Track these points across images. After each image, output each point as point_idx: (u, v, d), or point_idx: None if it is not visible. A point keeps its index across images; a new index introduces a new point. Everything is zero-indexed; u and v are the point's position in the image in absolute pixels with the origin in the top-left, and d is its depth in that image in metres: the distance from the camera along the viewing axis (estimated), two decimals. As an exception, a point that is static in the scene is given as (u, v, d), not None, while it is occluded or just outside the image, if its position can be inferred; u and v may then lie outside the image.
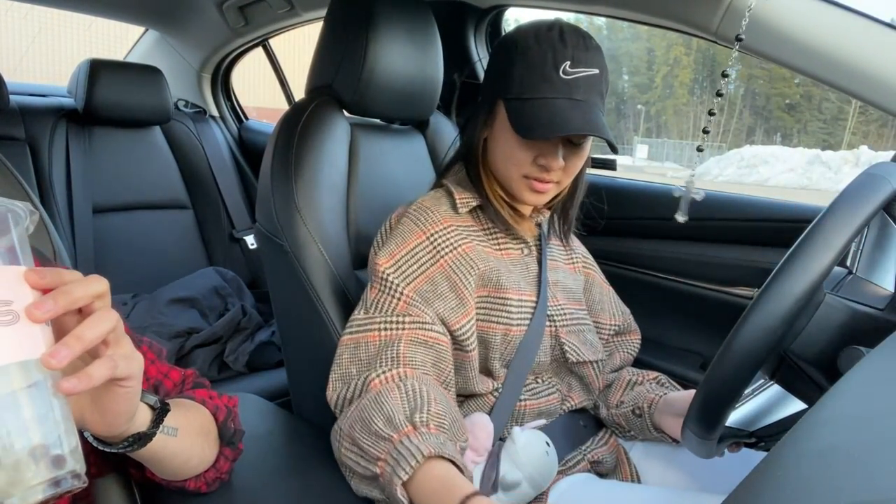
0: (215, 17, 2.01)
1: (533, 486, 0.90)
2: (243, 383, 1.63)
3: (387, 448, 0.75)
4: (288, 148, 1.06)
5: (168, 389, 0.74)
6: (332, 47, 1.13)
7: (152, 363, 0.73)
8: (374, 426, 0.77)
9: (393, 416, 0.77)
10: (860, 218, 0.65)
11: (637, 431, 1.06)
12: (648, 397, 1.03)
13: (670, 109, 40.49)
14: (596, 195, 1.15)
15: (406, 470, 0.71)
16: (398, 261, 0.91)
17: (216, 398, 0.75)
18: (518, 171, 0.92)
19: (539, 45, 0.89)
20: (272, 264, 1.10)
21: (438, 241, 0.93)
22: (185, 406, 0.68)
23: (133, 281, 1.89)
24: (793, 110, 37.47)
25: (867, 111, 14.06)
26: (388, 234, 0.98)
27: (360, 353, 0.88)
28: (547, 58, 0.88)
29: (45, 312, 0.43)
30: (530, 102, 0.88)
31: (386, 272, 0.91)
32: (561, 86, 0.87)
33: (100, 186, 1.92)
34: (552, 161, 0.90)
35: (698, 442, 0.73)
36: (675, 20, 1.12)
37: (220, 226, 2.18)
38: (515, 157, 0.91)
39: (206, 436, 0.71)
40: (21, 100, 1.88)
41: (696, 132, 38.85)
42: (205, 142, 2.21)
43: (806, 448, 0.40)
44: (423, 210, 0.95)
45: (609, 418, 1.08)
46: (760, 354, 0.64)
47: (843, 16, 0.95)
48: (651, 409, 1.02)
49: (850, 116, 10.24)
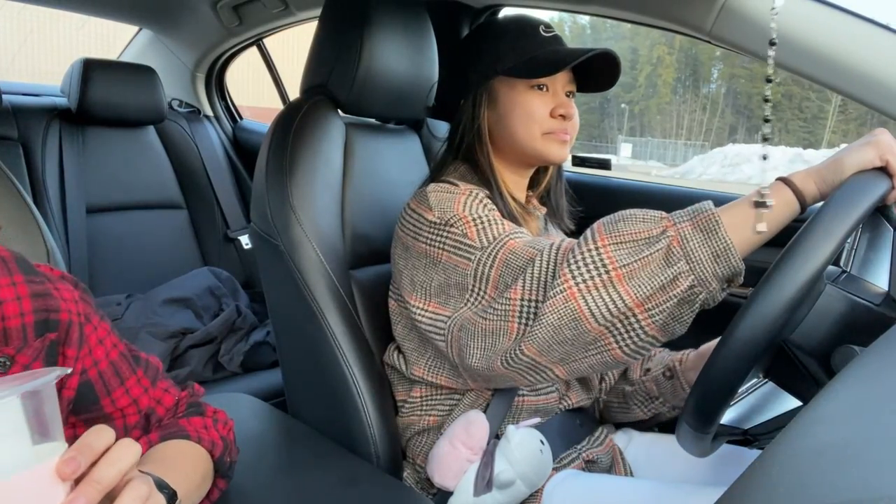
0: (209, 16, 2.00)
1: (527, 485, 0.90)
2: (238, 384, 1.62)
3: (662, 217, 0.75)
4: (283, 147, 1.05)
5: (160, 416, 0.72)
6: (326, 47, 1.13)
7: (145, 392, 0.70)
8: (636, 217, 0.76)
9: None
10: (861, 209, 0.66)
11: (668, 395, 1.06)
12: (676, 357, 1.06)
13: (654, 108, 40.80)
14: (592, 194, 1.16)
15: (707, 207, 0.73)
16: (464, 203, 0.91)
17: (211, 428, 0.72)
18: (539, 130, 0.97)
19: (513, 22, 1.01)
20: (267, 264, 1.10)
21: (481, 194, 0.94)
22: (184, 463, 0.65)
23: (127, 281, 1.88)
24: (774, 109, 37.93)
25: (846, 110, 14.33)
26: (420, 215, 0.93)
27: (515, 262, 0.83)
28: (525, 27, 0.99)
29: None
30: (531, 58, 0.96)
31: (463, 210, 0.89)
32: (548, 40, 0.99)
33: (93, 186, 1.91)
34: (569, 107, 0.97)
35: (693, 438, 0.73)
36: (669, 20, 1.12)
37: (214, 226, 2.17)
38: (535, 116, 0.96)
39: (204, 481, 0.69)
40: (14, 99, 1.87)
41: (679, 130, 39.26)
42: (199, 141, 2.20)
43: (800, 446, 0.40)
44: (444, 185, 0.95)
45: (637, 391, 1.09)
46: (758, 349, 0.64)
47: (844, 19, 0.95)
48: (682, 365, 1.04)
49: (829, 115, 10.50)
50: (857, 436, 0.41)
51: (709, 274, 0.71)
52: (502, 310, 0.80)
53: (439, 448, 0.93)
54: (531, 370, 0.80)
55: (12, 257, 0.60)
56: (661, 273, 0.71)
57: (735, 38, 1.03)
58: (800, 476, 0.37)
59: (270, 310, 1.15)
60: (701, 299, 0.72)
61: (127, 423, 0.69)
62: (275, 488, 0.83)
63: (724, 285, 0.74)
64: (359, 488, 0.83)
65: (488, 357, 0.81)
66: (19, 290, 0.58)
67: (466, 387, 0.95)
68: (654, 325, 0.72)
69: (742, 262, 0.72)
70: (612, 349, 0.75)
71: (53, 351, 0.60)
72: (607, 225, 0.76)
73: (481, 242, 0.86)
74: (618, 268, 0.72)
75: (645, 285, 0.71)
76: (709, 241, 0.71)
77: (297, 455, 0.93)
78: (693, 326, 0.77)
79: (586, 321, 0.73)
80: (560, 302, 0.74)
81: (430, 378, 0.96)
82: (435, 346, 0.92)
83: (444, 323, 0.88)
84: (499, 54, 0.98)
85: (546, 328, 0.74)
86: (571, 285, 0.73)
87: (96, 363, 0.65)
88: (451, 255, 0.87)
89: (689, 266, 0.71)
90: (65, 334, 0.61)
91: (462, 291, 0.86)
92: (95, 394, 0.65)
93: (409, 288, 0.93)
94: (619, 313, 0.72)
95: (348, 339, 1.02)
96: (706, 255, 0.71)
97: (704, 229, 0.72)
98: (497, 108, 0.99)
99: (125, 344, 0.70)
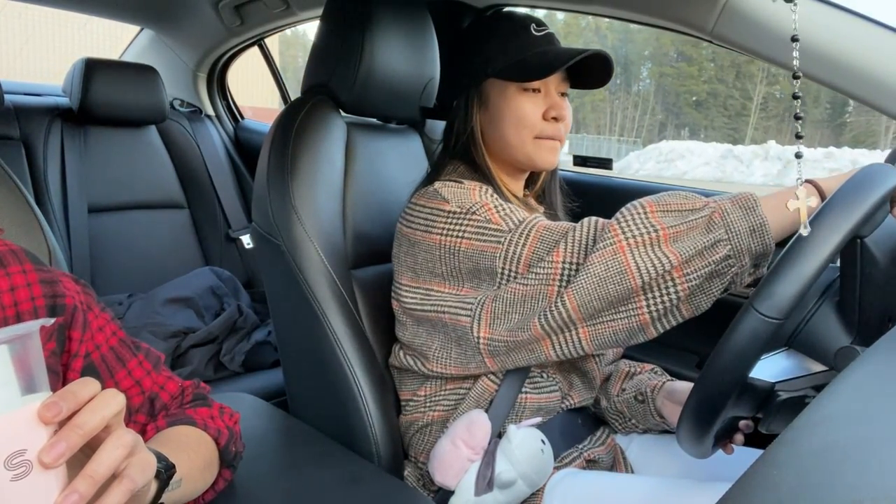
0: (211, 16, 2.00)
1: (528, 484, 0.90)
2: (239, 383, 1.62)
3: (706, 200, 0.79)
4: (284, 147, 1.05)
5: (165, 402, 0.73)
6: (328, 46, 1.13)
7: (148, 374, 0.72)
8: (680, 193, 0.80)
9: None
10: (872, 197, 0.65)
11: (639, 419, 1.06)
12: (650, 383, 1.05)
13: (588, 105, 41.28)
14: (593, 194, 1.16)
15: (752, 197, 0.78)
16: (479, 194, 0.92)
17: (217, 418, 0.74)
18: (530, 134, 0.96)
19: (504, 22, 0.99)
20: (268, 264, 1.10)
21: (489, 189, 0.95)
22: (188, 446, 0.66)
23: (129, 281, 1.89)
24: (700, 107, 39.04)
25: (767, 107, 14.59)
26: (434, 207, 0.93)
27: (551, 236, 0.86)
28: (515, 26, 0.97)
29: (57, 458, 0.41)
30: (520, 60, 0.95)
31: (481, 198, 0.91)
32: (538, 40, 0.96)
33: (95, 186, 1.91)
34: (562, 109, 0.96)
35: (693, 439, 0.73)
36: (670, 20, 1.12)
37: (216, 225, 2.17)
38: (526, 118, 0.96)
39: (208, 468, 0.69)
40: (16, 99, 1.87)
41: (613, 127, 40.08)
42: (200, 141, 2.21)
43: (802, 446, 0.40)
44: (451, 182, 0.96)
45: (610, 408, 1.09)
46: (760, 344, 0.64)
47: (853, 21, 0.95)
48: (654, 393, 1.04)
49: (752, 113, 10.71)
50: (860, 435, 0.40)
51: (744, 246, 0.76)
52: (544, 274, 0.83)
53: (440, 447, 0.93)
54: (561, 330, 0.82)
55: (22, 250, 0.64)
56: (703, 238, 0.76)
57: (737, 38, 1.03)
58: (802, 475, 0.37)
59: (272, 309, 1.15)
60: (731, 273, 0.77)
61: (131, 405, 0.70)
62: (276, 487, 0.83)
63: (753, 266, 0.79)
64: (360, 487, 0.83)
65: (525, 320, 0.84)
66: (29, 277, 0.62)
67: (478, 371, 0.94)
68: (688, 288, 0.76)
69: (773, 243, 0.76)
70: (642, 312, 0.78)
71: (61, 334, 0.63)
72: (654, 198, 0.81)
73: (508, 225, 0.88)
74: (665, 228, 0.77)
75: (688, 248, 0.76)
76: (747, 217, 0.76)
77: (299, 454, 0.93)
78: (693, 326, 0.78)
79: (631, 275, 0.76)
80: (609, 254, 0.78)
81: (438, 369, 0.96)
82: (443, 332, 0.93)
83: (473, 300, 0.89)
84: (489, 56, 0.97)
85: (592, 278, 0.78)
86: (621, 239, 0.78)
87: (98, 347, 0.67)
88: (474, 241, 0.88)
89: (728, 235, 0.76)
90: (70, 318, 0.64)
91: (492, 276, 0.88)
92: (99, 376, 0.66)
93: (427, 276, 0.94)
94: (663, 271, 0.76)
95: (349, 338, 1.02)
96: (744, 228, 0.76)
97: (743, 206, 0.77)
98: (488, 110, 0.99)
99: (124, 333, 0.72)
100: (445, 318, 0.92)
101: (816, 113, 16.34)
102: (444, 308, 0.92)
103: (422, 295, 0.95)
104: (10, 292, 0.60)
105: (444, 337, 0.94)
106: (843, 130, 15.53)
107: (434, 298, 0.93)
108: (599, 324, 0.80)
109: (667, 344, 1.40)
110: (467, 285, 0.91)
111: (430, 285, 0.94)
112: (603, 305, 0.79)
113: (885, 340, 0.58)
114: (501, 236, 0.87)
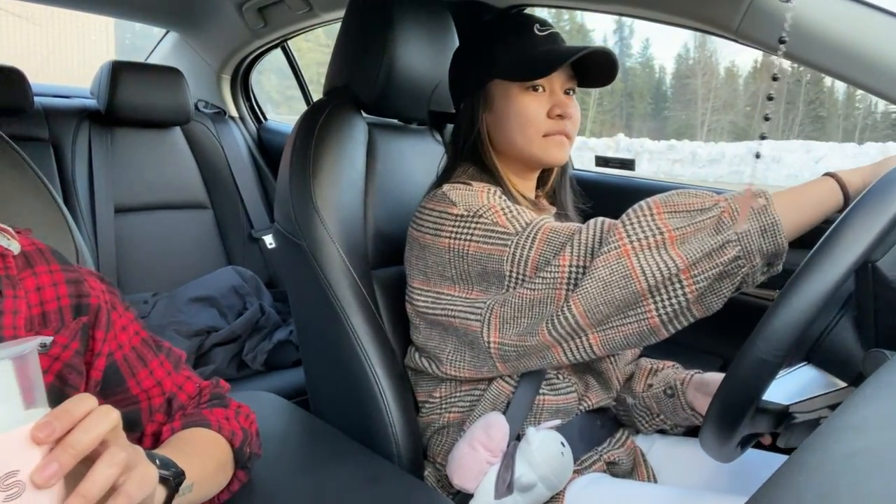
0: (234, 18, 2.02)
1: (548, 487, 0.89)
2: (261, 382, 1.64)
3: (714, 194, 0.79)
4: (306, 148, 1.06)
5: (182, 402, 0.73)
6: (350, 48, 1.13)
7: (168, 375, 0.72)
8: (689, 192, 0.80)
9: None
10: (877, 228, 0.63)
11: (668, 414, 1.05)
12: (679, 376, 1.04)
13: None
14: (613, 194, 1.15)
15: (764, 195, 0.76)
16: (487, 197, 0.92)
17: (233, 419, 0.74)
18: (537, 132, 0.96)
19: (507, 22, 0.98)
20: (290, 264, 1.11)
21: (497, 190, 0.95)
22: (201, 449, 0.67)
23: (153, 280, 1.92)
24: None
25: (602, 103, 14.54)
26: (443, 211, 0.93)
27: (557, 238, 0.85)
28: (518, 27, 0.97)
29: (49, 479, 0.41)
30: (522, 60, 0.95)
31: (489, 201, 0.91)
32: (542, 40, 0.95)
33: (121, 186, 1.94)
34: (567, 107, 0.95)
35: (717, 443, 0.72)
36: (695, 19, 1.11)
37: (238, 225, 2.19)
38: (532, 117, 0.95)
39: (222, 470, 0.70)
40: (45, 101, 1.91)
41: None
42: (224, 142, 2.23)
43: (829, 452, 0.39)
44: (460, 184, 0.96)
45: (637, 404, 1.08)
46: (786, 347, 0.62)
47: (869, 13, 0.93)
48: (684, 386, 1.03)
49: (590, 106, 10.72)
50: (889, 441, 0.40)
51: (755, 247, 0.74)
52: (551, 278, 0.82)
53: (459, 450, 0.92)
54: (570, 337, 0.81)
55: (49, 249, 0.65)
56: (711, 239, 0.74)
57: (763, 37, 1.01)
58: (828, 482, 0.36)
59: (293, 309, 1.16)
60: (742, 273, 0.75)
61: (152, 405, 0.71)
62: (296, 486, 0.83)
63: (766, 266, 0.77)
64: (380, 487, 0.83)
65: (533, 325, 0.83)
66: (55, 276, 0.63)
67: (491, 374, 0.94)
68: (696, 291, 0.74)
69: (786, 242, 0.75)
70: (651, 316, 0.77)
71: (85, 333, 0.63)
72: (661, 198, 0.80)
73: (515, 228, 0.88)
74: (671, 230, 0.76)
75: (695, 250, 0.74)
76: (758, 216, 0.74)
77: (319, 453, 0.93)
78: (716, 328, 0.76)
79: (637, 280, 0.75)
80: (613, 258, 0.77)
81: (452, 372, 0.96)
82: (455, 336, 0.93)
83: (483, 303, 0.89)
84: (493, 56, 0.97)
85: (596, 283, 0.77)
86: (626, 243, 0.77)
87: (121, 346, 0.67)
88: (481, 244, 0.88)
89: (738, 236, 0.74)
90: (94, 317, 0.64)
91: (500, 279, 0.88)
92: (121, 375, 0.67)
93: (437, 280, 0.93)
94: (669, 274, 0.75)
95: (370, 338, 1.02)
96: (754, 229, 0.74)
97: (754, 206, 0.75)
98: (494, 111, 0.99)
99: (147, 332, 0.73)
100: (456, 322, 0.92)
101: (642, 107, 16.39)
102: (454, 312, 0.92)
103: (433, 298, 0.95)
104: (36, 292, 0.61)
105: (456, 340, 0.94)
106: (666, 124, 15.69)
107: (445, 302, 0.93)
108: (609, 329, 0.80)
109: (689, 346, 1.39)
110: (477, 289, 0.90)
111: (440, 289, 0.94)
112: (610, 310, 0.78)
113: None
114: (508, 239, 0.87)
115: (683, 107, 15.69)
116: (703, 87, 15.29)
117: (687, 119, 15.44)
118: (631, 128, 15.26)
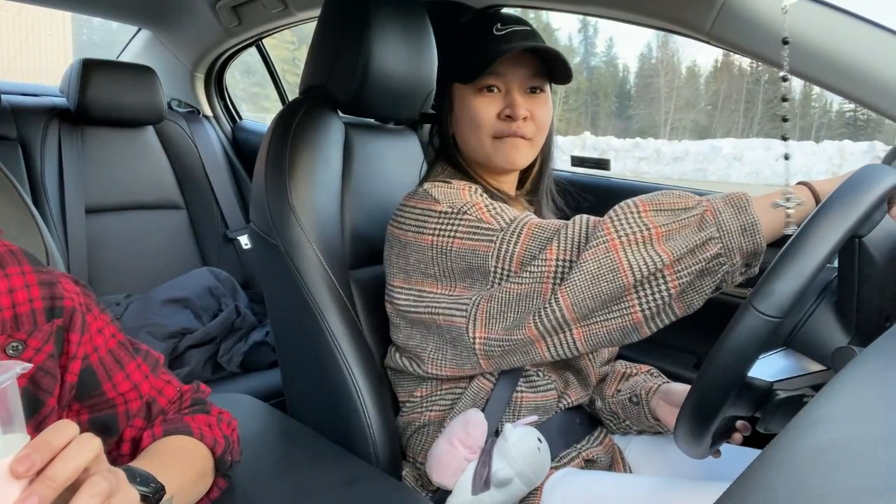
0: (208, 16, 2.00)
1: (525, 483, 0.90)
2: (237, 384, 1.62)
3: (698, 199, 0.80)
4: (282, 147, 1.05)
5: (162, 406, 0.72)
6: (326, 47, 1.13)
7: (146, 378, 0.71)
8: (673, 193, 0.81)
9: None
10: (865, 203, 0.65)
11: (633, 420, 1.06)
12: (645, 385, 1.05)
13: None
14: (589, 194, 1.16)
15: (744, 196, 0.79)
16: (469, 194, 0.92)
17: (215, 426, 0.73)
18: (487, 134, 0.96)
19: (473, 23, 1.00)
20: (266, 264, 1.10)
21: (478, 188, 0.96)
22: (182, 459, 0.66)
23: (126, 281, 1.88)
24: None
25: (568, 101, 14.89)
26: (426, 208, 0.93)
27: (542, 233, 0.86)
28: (479, 28, 0.97)
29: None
30: (468, 63, 0.96)
31: (472, 198, 0.91)
32: (497, 40, 0.95)
33: (92, 186, 1.91)
34: (516, 108, 0.95)
35: (691, 439, 0.73)
36: (668, 21, 1.12)
37: (213, 226, 2.17)
38: (481, 119, 0.96)
39: (203, 478, 0.69)
40: (13, 99, 1.87)
41: None
42: (198, 141, 2.20)
43: (801, 445, 0.40)
44: (440, 182, 0.96)
45: (605, 408, 1.09)
46: (754, 351, 0.64)
47: (851, 22, 0.95)
48: (648, 395, 1.04)
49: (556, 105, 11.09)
50: (858, 435, 0.41)
51: (735, 245, 0.77)
52: (538, 272, 0.83)
53: (438, 447, 0.93)
54: (556, 331, 0.82)
55: (21, 251, 0.63)
56: (695, 236, 0.77)
57: (735, 39, 1.03)
58: (800, 475, 0.37)
59: (269, 310, 1.15)
60: (723, 271, 0.78)
61: (129, 409, 0.69)
62: (274, 488, 0.82)
63: (744, 265, 0.79)
64: (358, 488, 0.82)
65: (520, 319, 0.83)
66: (28, 278, 0.61)
67: (473, 372, 0.94)
68: (679, 286, 0.76)
69: (765, 243, 0.77)
70: (634, 311, 0.78)
71: (60, 336, 0.62)
72: (647, 197, 0.82)
73: (500, 224, 0.88)
74: (658, 226, 0.78)
75: (679, 246, 0.76)
76: (738, 216, 0.77)
77: (297, 455, 0.93)
78: (691, 326, 0.78)
79: (624, 273, 0.77)
80: (602, 251, 0.78)
81: (434, 371, 0.96)
82: (437, 334, 0.93)
83: (467, 300, 0.89)
84: (452, 59, 0.99)
85: (585, 276, 0.78)
86: (614, 237, 0.78)
87: (96, 349, 0.66)
88: (466, 240, 0.88)
89: (719, 234, 0.77)
90: (69, 320, 0.63)
91: (485, 275, 0.88)
92: (97, 379, 0.66)
93: (419, 277, 0.93)
94: (654, 269, 0.76)
95: (348, 339, 1.02)
96: (735, 227, 0.77)
97: (736, 206, 0.78)
98: (454, 113, 1.01)
99: (124, 335, 0.71)
100: (439, 319, 0.92)
101: (607, 106, 16.77)
102: (437, 309, 0.92)
103: (415, 296, 0.95)
104: (8, 294, 0.60)
105: (438, 339, 0.94)
106: (631, 122, 16.13)
107: (427, 300, 0.93)
108: (593, 324, 0.81)
109: (664, 344, 1.40)
110: (460, 285, 0.91)
111: (422, 286, 0.94)
112: (596, 304, 0.79)
113: (882, 340, 0.58)
114: (493, 235, 0.87)
115: (647, 105, 15.93)
116: (666, 87, 15.55)
117: (651, 117, 15.71)
118: (597, 126, 15.45)
